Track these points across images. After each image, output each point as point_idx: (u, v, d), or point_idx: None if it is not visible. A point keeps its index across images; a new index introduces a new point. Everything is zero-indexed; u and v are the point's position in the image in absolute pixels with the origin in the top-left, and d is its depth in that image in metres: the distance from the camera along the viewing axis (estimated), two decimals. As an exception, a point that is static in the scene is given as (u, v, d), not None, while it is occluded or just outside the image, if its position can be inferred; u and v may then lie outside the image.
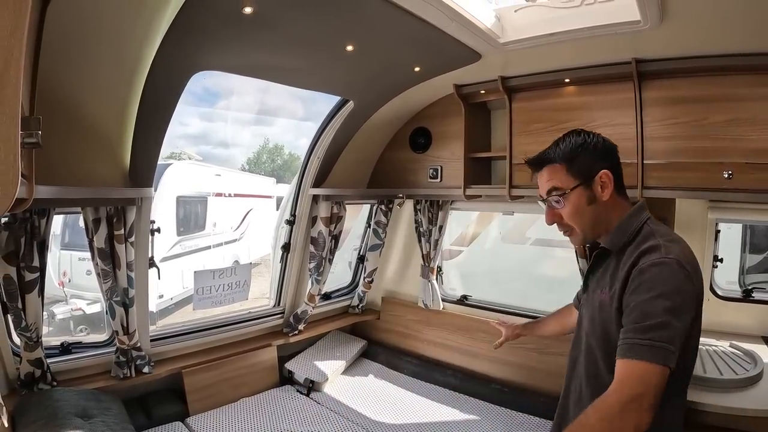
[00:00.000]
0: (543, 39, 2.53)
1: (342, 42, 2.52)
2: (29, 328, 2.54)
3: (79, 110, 2.27)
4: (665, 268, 1.29)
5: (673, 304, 1.25)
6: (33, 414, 2.34)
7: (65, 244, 7.23)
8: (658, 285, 1.28)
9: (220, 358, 3.50)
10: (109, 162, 2.57)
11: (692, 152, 2.63)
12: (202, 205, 9.24)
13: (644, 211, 1.52)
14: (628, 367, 1.23)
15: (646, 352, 1.21)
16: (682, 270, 1.30)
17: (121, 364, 2.95)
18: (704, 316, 2.88)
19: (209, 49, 2.36)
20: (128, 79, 2.27)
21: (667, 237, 1.41)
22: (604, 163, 1.49)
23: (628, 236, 1.45)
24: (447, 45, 2.60)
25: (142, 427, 2.92)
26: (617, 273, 1.41)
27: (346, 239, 5.52)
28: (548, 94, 3.12)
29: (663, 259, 1.31)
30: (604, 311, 1.43)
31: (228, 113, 23.51)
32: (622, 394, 1.21)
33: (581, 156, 1.50)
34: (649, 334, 1.22)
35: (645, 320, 1.24)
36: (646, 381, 1.20)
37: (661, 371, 1.20)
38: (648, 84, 2.75)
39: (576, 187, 1.48)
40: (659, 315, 1.24)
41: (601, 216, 1.50)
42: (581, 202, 1.49)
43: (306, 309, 3.96)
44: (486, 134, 3.68)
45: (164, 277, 7.21)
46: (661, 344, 1.21)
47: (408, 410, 3.40)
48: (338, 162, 3.78)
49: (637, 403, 1.18)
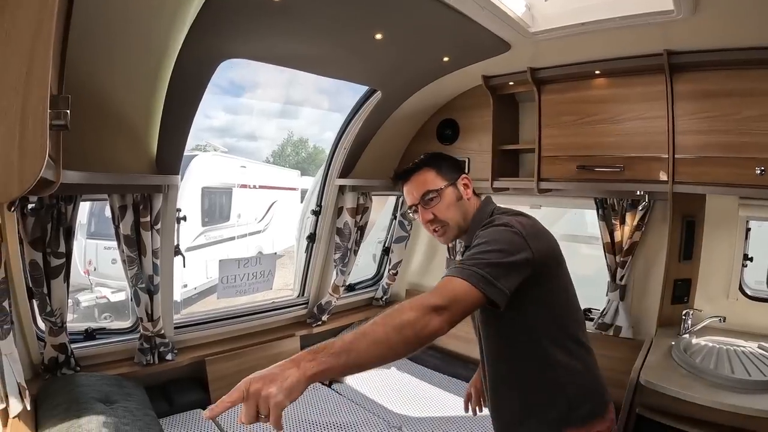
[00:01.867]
0: (574, 29, 2.47)
1: (371, 30, 2.48)
2: (54, 313, 2.57)
3: (106, 98, 2.26)
4: (492, 229, 1.51)
5: (495, 247, 1.41)
6: (55, 398, 2.37)
7: (91, 234, 7.36)
8: (483, 238, 1.47)
9: (243, 347, 3.50)
10: (136, 150, 2.57)
11: (724, 147, 2.56)
12: (226, 196, 9.31)
13: (490, 204, 1.77)
14: (446, 281, 1.34)
15: (462, 273, 1.34)
16: (508, 227, 1.48)
17: (144, 351, 2.97)
18: (732, 316, 2.84)
19: (237, 37, 2.34)
20: (155, 66, 2.26)
21: (505, 213, 1.64)
22: (460, 171, 1.78)
23: (481, 226, 1.61)
24: (476, 34, 2.55)
25: (165, 413, 2.94)
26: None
27: (370, 232, 5.50)
28: (578, 86, 3.05)
29: (491, 225, 1.53)
30: None
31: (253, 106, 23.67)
32: (433, 297, 1.28)
33: (443, 164, 1.77)
34: (469, 263, 1.37)
35: (469, 258, 1.40)
36: (454, 293, 1.30)
37: (469, 291, 1.31)
38: (679, 77, 2.68)
39: (446, 187, 1.73)
40: (481, 254, 1.40)
41: (467, 211, 1.74)
42: (452, 199, 1.73)
43: (330, 300, 3.95)
44: (514, 127, 3.63)
45: (188, 267, 7.32)
46: (477, 270, 1.33)
47: (431, 404, 3.37)
48: (365, 153, 3.75)
49: (442, 310, 1.25)
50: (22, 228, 2.41)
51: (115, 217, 2.69)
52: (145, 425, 2.39)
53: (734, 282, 2.96)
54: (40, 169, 0.71)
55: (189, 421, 2.97)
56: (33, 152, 0.71)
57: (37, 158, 0.72)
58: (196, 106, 2.60)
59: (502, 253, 1.40)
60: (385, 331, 1.18)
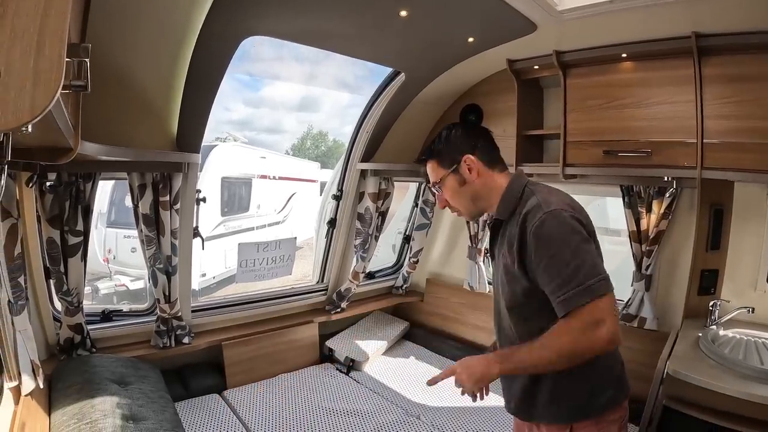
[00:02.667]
0: (601, 7, 2.40)
1: (396, 6, 2.41)
2: (71, 293, 2.55)
3: (128, 76, 2.25)
4: (551, 221, 1.45)
5: (574, 244, 1.43)
6: (70, 378, 2.34)
7: (111, 222, 7.44)
8: (553, 238, 1.44)
9: (261, 333, 3.48)
10: (158, 127, 2.56)
11: (754, 133, 2.46)
12: (246, 187, 9.34)
13: (521, 178, 1.68)
14: (578, 313, 1.38)
15: (586, 293, 1.37)
16: (563, 212, 1.46)
17: (161, 333, 2.95)
18: (760, 309, 2.78)
19: (259, 12, 2.30)
20: (177, 44, 2.25)
21: (543, 192, 1.57)
22: (466, 147, 1.68)
23: (514, 202, 1.61)
24: (502, 13, 2.49)
25: (180, 397, 2.94)
26: (513, 233, 1.55)
27: (390, 222, 5.45)
28: (604, 69, 2.97)
29: (546, 213, 1.46)
30: (509, 273, 1.59)
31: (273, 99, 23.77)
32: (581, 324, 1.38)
33: (445, 149, 1.71)
34: (574, 282, 1.38)
35: (562, 273, 1.40)
36: (596, 315, 1.37)
37: (604, 300, 1.38)
38: (708, 60, 2.59)
39: (445, 176, 1.70)
40: (569, 260, 1.41)
41: (478, 192, 1.69)
42: (455, 186, 1.70)
43: (350, 287, 3.91)
44: (538, 112, 3.54)
45: (207, 257, 7.34)
46: (589, 282, 1.38)
47: (449, 394, 3.29)
48: (387, 137, 3.70)
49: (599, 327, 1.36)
50: (40, 205, 2.39)
51: (134, 196, 2.67)
52: (160, 407, 2.35)
53: (762, 274, 2.84)
54: (52, 98, 0.68)
55: (205, 405, 2.97)
56: (47, 80, 0.68)
57: (50, 87, 0.69)
58: (217, 84, 2.57)
59: (581, 251, 1.42)
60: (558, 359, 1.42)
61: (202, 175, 7.68)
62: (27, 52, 0.65)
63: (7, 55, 0.64)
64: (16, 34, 0.65)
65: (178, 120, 2.58)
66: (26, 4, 0.66)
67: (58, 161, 1.61)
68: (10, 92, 0.65)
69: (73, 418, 1.99)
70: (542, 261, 1.45)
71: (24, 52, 0.65)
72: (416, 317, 4.47)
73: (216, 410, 2.93)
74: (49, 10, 0.68)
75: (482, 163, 1.67)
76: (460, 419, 2.99)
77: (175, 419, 2.37)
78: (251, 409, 2.99)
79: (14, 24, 0.65)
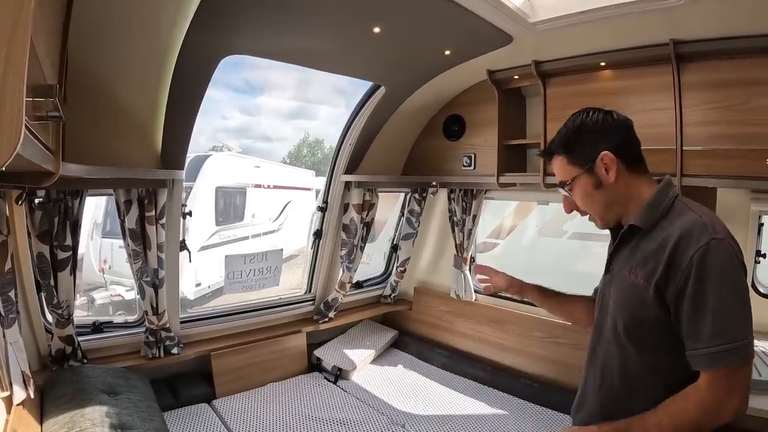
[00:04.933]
0: (574, 18, 2.44)
1: (368, 23, 2.49)
2: (61, 305, 2.61)
3: (111, 95, 2.31)
4: (721, 253, 1.22)
5: (739, 291, 1.23)
6: (61, 388, 2.40)
7: (106, 233, 7.46)
8: (719, 276, 1.21)
9: (249, 342, 3.53)
10: (141, 145, 2.62)
11: (734, 138, 2.49)
12: (240, 196, 9.38)
13: (673, 186, 1.44)
14: (720, 376, 1.22)
15: (738, 356, 1.20)
16: (732, 249, 1.25)
17: (150, 345, 3.00)
18: None
19: (237, 32, 2.37)
20: (159, 62, 2.30)
21: (703, 211, 1.34)
22: (604, 143, 1.42)
23: (660, 212, 1.37)
24: (476, 26, 2.54)
25: (170, 407, 2.98)
26: (654, 251, 1.32)
27: (382, 231, 5.50)
28: (584, 78, 3.01)
29: (715, 241, 1.23)
30: (636, 294, 1.35)
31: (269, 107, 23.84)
32: (716, 394, 1.22)
33: (579, 142, 1.46)
34: (727, 337, 1.19)
35: (717, 322, 1.20)
36: (736, 383, 1.22)
37: (745, 367, 1.22)
38: (687, 66, 2.62)
39: (577, 176, 1.46)
40: (730, 309, 1.21)
41: (614, 197, 1.45)
42: (588, 188, 1.45)
43: (337, 297, 3.96)
44: (521, 121, 3.60)
45: (202, 266, 7.39)
46: (741, 342, 1.19)
47: (436, 402, 3.36)
48: (371, 149, 3.76)
49: (733, 398, 1.22)
50: (30, 221, 2.45)
51: (121, 212, 2.74)
52: (148, 416, 2.41)
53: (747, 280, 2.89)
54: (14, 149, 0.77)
55: (194, 415, 3.01)
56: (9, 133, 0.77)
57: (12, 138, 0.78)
58: (199, 102, 2.64)
59: (743, 304, 1.23)
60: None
61: (196, 185, 7.75)
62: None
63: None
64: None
65: (162, 137, 2.64)
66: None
67: (42, 184, 1.69)
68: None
69: (63, 427, 2.06)
70: (697, 297, 1.22)
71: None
72: (405, 326, 4.52)
73: (205, 419, 2.98)
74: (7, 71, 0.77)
75: (622, 162, 1.42)
76: (443, 427, 3.03)
77: (163, 428, 2.43)
78: (239, 418, 3.04)
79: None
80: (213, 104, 22.45)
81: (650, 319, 1.32)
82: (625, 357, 1.41)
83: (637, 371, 1.38)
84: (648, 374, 1.37)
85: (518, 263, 6.18)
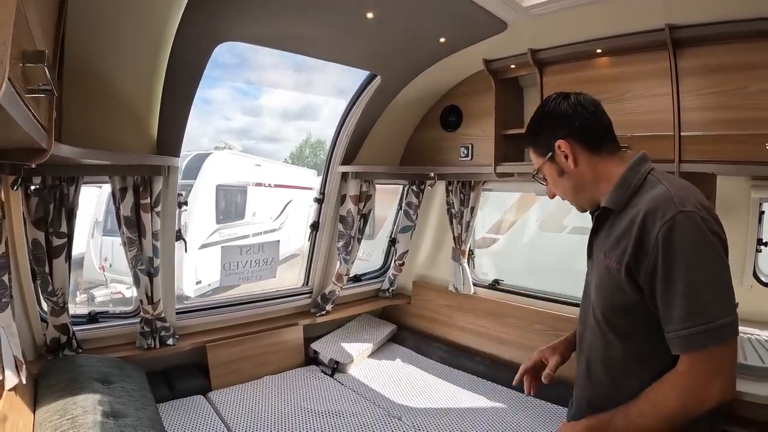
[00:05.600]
0: (567, 1, 2.44)
1: (361, 8, 2.49)
2: (56, 293, 2.61)
3: (107, 80, 2.31)
4: (688, 226, 1.16)
5: (713, 267, 1.17)
6: (55, 377, 2.40)
7: (107, 231, 7.48)
8: (688, 251, 1.16)
9: (246, 335, 3.52)
10: (138, 131, 2.62)
11: (732, 123, 2.47)
12: (241, 195, 9.41)
13: (646, 163, 1.40)
14: (697, 359, 1.16)
15: (714, 337, 1.13)
16: (703, 217, 1.18)
17: (145, 335, 3.00)
18: (745, 304, 2.69)
19: (231, 17, 2.37)
20: (154, 49, 2.31)
21: (675, 183, 1.29)
22: (561, 131, 1.42)
23: (632, 190, 1.33)
24: (470, 12, 2.54)
25: (165, 398, 2.98)
26: (624, 231, 1.29)
27: (381, 229, 5.48)
28: (580, 66, 3.00)
29: (681, 214, 1.17)
30: (611, 278, 1.31)
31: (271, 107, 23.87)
32: (695, 378, 1.17)
33: (540, 132, 1.48)
34: (701, 317, 1.14)
35: (691, 302, 1.15)
36: (716, 366, 1.16)
37: (725, 348, 1.16)
38: (683, 52, 2.60)
39: (542, 165, 1.48)
40: (703, 287, 1.15)
41: (580, 182, 1.43)
42: (554, 176, 1.47)
43: (334, 289, 3.95)
44: (519, 111, 3.58)
45: (202, 264, 7.37)
46: (715, 323, 1.13)
47: (433, 395, 3.34)
48: (368, 140, 3.76)
49: (714, 382, 1.16)
50: (25, 208, 2.46)
51: (116, 199, 2.73)
52: (141, 405, 2.40)
53: (748, 268, 2.87)
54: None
55: (189, 406, 3.00)
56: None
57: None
58: (194, 88, 2.64)
59: (719, 281, 1.18)
60: (655, 426, 1.23)
61: (197, 183, 7.76)
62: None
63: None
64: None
65: (157, 124, 2.64)
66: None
67: (32, 161, 1.68)
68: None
69: (55, 414, 2.05)
70: (665, 277, 1.18)
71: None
72: (403, 320, 4.51)
73: (199, 411, 2.97)
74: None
75: (583, 147, 1.40)
76: (440, 420, 3.01)
77: (156, 417, 2.41)
78: (234, 411, 3.02)
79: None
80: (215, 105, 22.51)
81: (627, 304, 1.28)
82: (608, 346, 1.37)
83: (620, 361, 1.34)
84: (632, 364, 1.33)
85: (518, 259, 6.15)
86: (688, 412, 1.18)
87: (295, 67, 4.05)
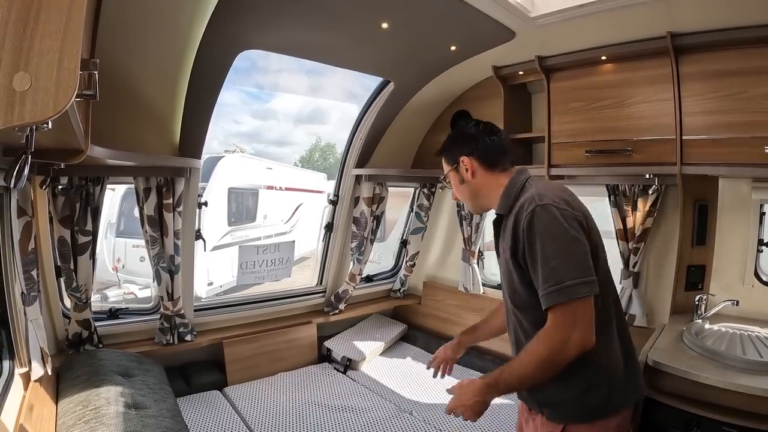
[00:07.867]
0: (573, 12, 2.52)
1: (376, 19, 2.58)
2: (79, 289, 2.72)
3: (133, 85, 2.41)
4: (542, 214, 1.48)
5: (561, 241, 1.46)
6: (77, 370, 2.49)
7: (120, 232, 7.62)
8: (542, 232, 1.47)
9: (261, 332, 3.61)
10: (161, 134, 2.72)
11: (733, 127, 2.53)
12: (253, 197, 9.49)
13: (523, 174, 1.71)
14: (556, 313, 1.44)
15: (563, 293, 1.41)
16: (555, 206, 1.49)
17: (164, 331, 3.10)
18: (747, 303, 2.78)
19: (254, 26, 2.47)
20: (179, 55, 2.40)
21: (540, 186, 1.60)
22: (466, 149, 1.76)
23: (513, 198, 1.64)
24: (480, 22, 2.63)
25: (182, 393, 3.07)
26: (510, 227, 1.59)
27: (393, 230, 5.55)
28: (586, 72, 3.07)
29: (538, 206, 1.49)
30: (508, 266, 1.63)
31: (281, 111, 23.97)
32: (557, 330, 1.44)
33: (450, 148, 1.83)
34: (553, 279, 1.43)
35: (545, 269, 1.45)
36: (573, 318, 1.42)
37: (582, 303, 1.42)
38: (685, 58, 2.67)
39: (448, 173, 1.83)
40: (552, 257, 1.44)
41: (476, 191, 1.77)
42: (456, 183, 1.82)
43: (347, 288, 4.03)
44: (527, 116, 3.65)
45: (214, 266, 7.45)
46: (565, 283, 1.41)
47: (443, 391, 3.38)
48: (381, 144, 3.84)
49: (573, 332, 1.41)
50: (52, 207, 2.57)
51: (140, 199, 2.84)
52: (161, 398, 2.49)
53: (749, 268, 2.91)
54: (69, 100, 0.86)
55: (206, 401, 3.10)
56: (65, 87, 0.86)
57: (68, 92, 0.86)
58: (217, 93, 2.74)
59: (569, 250, 1.45)
60: (538, 372, 1.47)
61: (209, 185, 7.84)
62: (51, 66, 0.84)
63: (36, 69, 0.82)
64: (43, 53, 0.83)
65: (180, 127, 2.74)
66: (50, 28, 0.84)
67: (70, 161, 1.79)
68: (39, 94, 0.83)
69: (79, 405, 2.12)
70: (530, 254, 1.49)
71: (49, 66, 0.84)
72: (414, 319, 4.58)
73: (216, 405, 3.06)
74: (67, 34, 0.86)
75: (480, 164, 1.73)
76: (452, 415, 3.06)
77: (175, 409, 2.49)
78: (250, 405, 3.12)
79: (41, 45, 0.83)
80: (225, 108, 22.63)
81: (522, 283, 1.58)
82: (520, 322, 1.68)
83: (532, 329, 1.58)
84: (539, 329, 1.53)
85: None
86: (555, 356, 1.43)
87: (306, 71, 4.11)
